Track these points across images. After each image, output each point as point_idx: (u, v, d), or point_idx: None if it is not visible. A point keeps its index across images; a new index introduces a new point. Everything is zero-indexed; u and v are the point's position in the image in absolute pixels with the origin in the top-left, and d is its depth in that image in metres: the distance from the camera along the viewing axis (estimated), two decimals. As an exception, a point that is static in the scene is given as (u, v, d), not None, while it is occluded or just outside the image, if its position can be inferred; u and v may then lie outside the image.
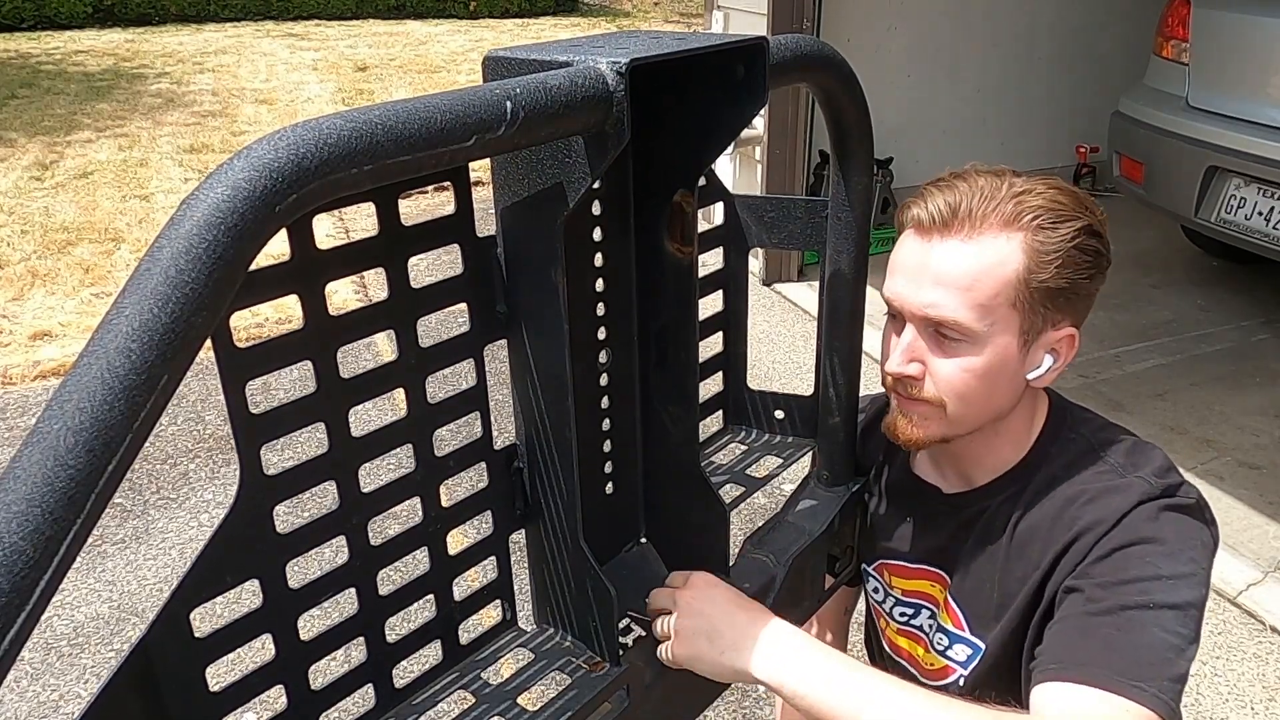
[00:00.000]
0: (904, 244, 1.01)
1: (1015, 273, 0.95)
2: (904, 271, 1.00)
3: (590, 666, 0.90)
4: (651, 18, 15.12)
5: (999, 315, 0.96)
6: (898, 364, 1.01)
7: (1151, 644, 0.89)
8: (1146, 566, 0.94)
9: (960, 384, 0.99)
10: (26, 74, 9.44)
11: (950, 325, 0.97)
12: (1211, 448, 3.26)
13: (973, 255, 0.95)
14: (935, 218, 0.97)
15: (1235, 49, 3.68)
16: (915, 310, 0.98)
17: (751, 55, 0.79)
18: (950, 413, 1.01)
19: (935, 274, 0.97)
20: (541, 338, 0.83)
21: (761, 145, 4.61)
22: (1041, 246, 0.95)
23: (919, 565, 1.16)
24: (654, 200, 0.88)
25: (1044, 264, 0.95)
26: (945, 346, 0.99)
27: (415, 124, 0.57)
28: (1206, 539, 0.98)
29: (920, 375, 1.01)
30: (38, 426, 0.46)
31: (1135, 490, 0.98)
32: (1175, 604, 0.91)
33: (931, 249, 0.97)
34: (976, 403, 1.01)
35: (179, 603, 0.67)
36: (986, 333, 0.96)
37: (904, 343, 1.01)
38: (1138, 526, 0.96)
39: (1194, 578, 0.94)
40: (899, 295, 1.00)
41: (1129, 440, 1.06)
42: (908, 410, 1.04)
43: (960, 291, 0.95)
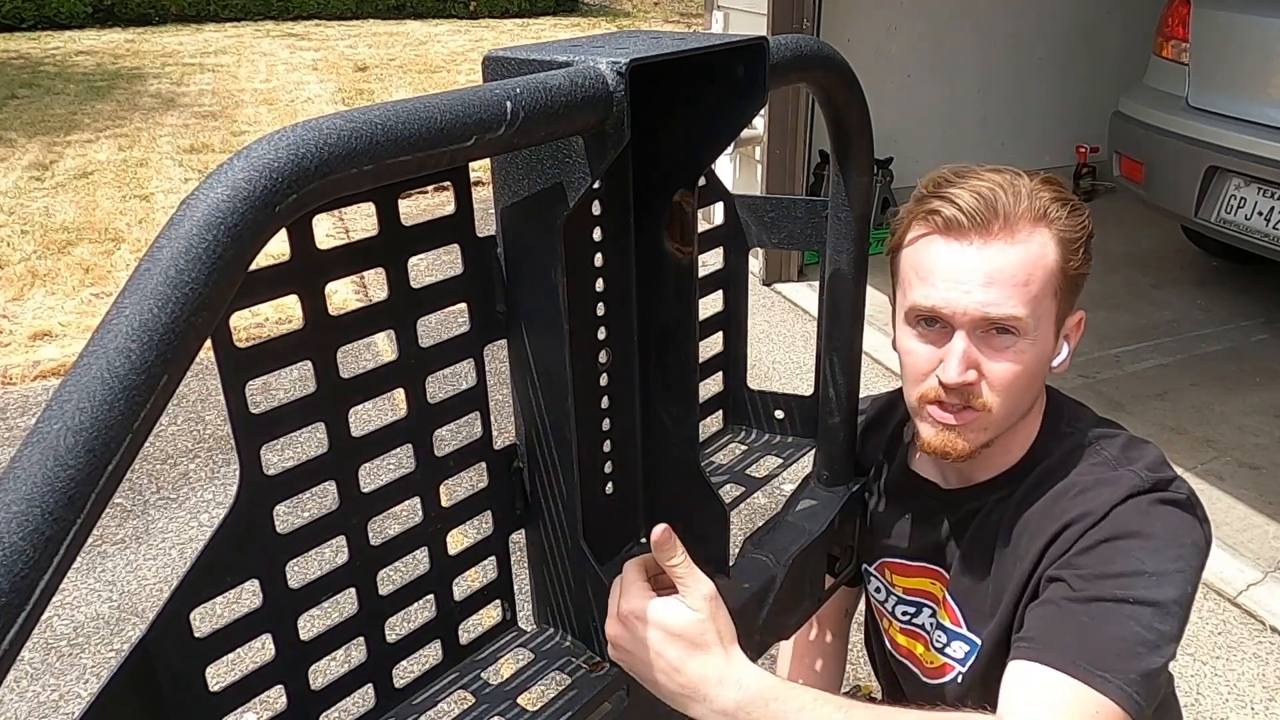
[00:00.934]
0: (932, 250, 0.98)
1: (1055, 263, 0.98)
2: (948, 276, 0.97)
3: (590, 666, 0.90)
4: (651, 18, 15.12)
5: (1044, 306, 0.98)
6: (958, 373, 0.97)
7: (1124, 637, 0.90)
8: (1130, 561, 0.94)
9: (1014, 382, 0.99)
10: (26, 74, 9.44)
11: (1009, 322, 0.96)
12: (1211, 448, 3.26)
13: (1020, 252, 0.96)
14: (973, 219, 0.96)
15: (1235, 49, 3.68)
16: (973, 311, 0.96)
17: (751, 55, 0.79)
18: (998, 415, 1.00)
19: (988, 274, 0.96)
20: (541, 338, 0.83)
21: (761, 145, 4.61)
22: (1069, 235, 0.99)
23: (918, 563, 1.16)
24: (654, 200, 0.88)
25: (1074, 252, 0.99)
26: (996, 346, 0.98)
27: (415, 124, 0.57)
28: (1197, 537, 0.98)
29: (976, 381, 0.99)
30: (38, 426, 0.46)
31: (1126, 483, 0.99)
32: (1155, 600, 0.92)
33: (976, 251, 0.96)
34: (1023, 400, 1.02)
35: (179, 603, 0.67)
36: (1036, 327, 0.98)
37: (959, 350, 0.97)
38: (1126, 520, 0.96)
39: (1178, 575, 0.94)
40: (949, 301, 0.97)
41: (1123, 436, 1.06)
42: (953, 423, 1.00)
43: (1017, 287, 0.96)
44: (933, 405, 1.02)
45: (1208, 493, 3.02)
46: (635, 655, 0.82)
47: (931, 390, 1.01)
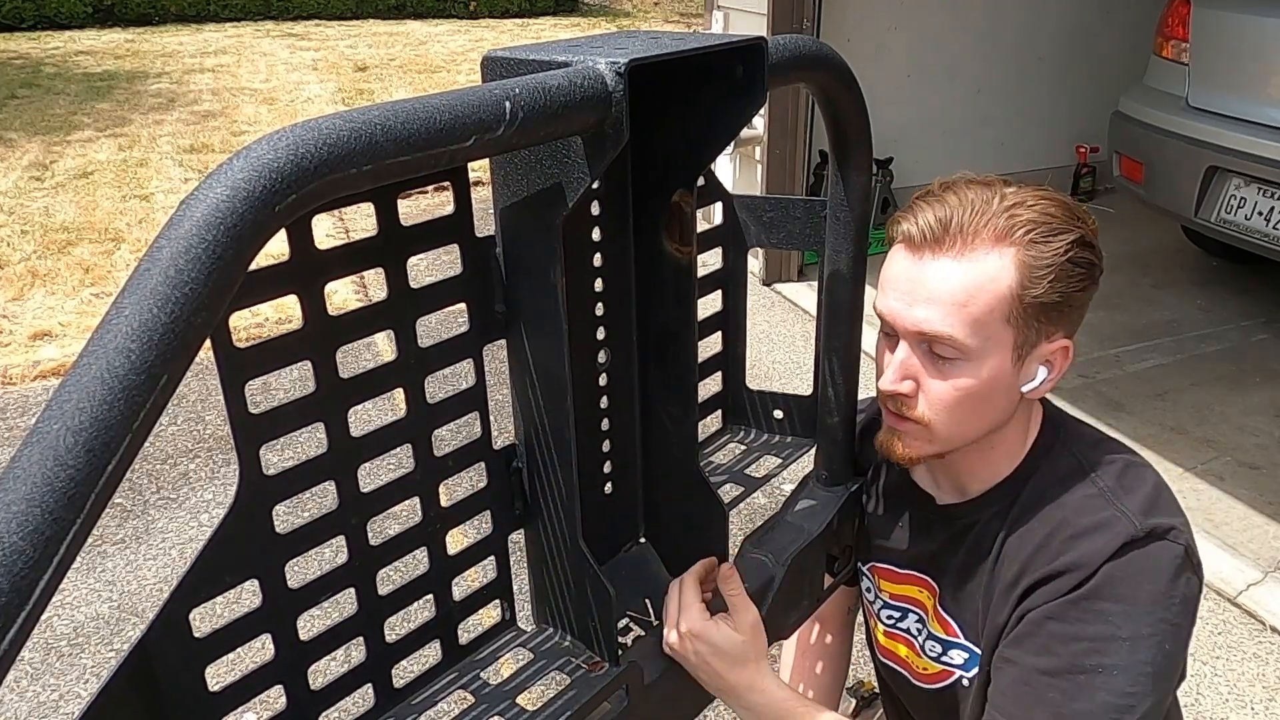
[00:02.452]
0: (894, 259, 1.00)
1: (1009, 288, 0.94)
2: (896, 288, 0.98)
3: (589, 666, 0.90)
4: (651, 18, 15.11)
5: (992, 331, 0.95)
6: (890, 382, 1.00)
7: (1093, 710, 0.92)
8: (1107, 627, 0.94)
9: (952, 402, 0.98)
10: (26, 74, 9.44)
11: (945, 341, 0.95)
12: (1211, 448, 3.26)
13: (966, 272, 0.94)
14: (926, 234, 0.95)
15: (1235, 49, 3.68)
16: (909, 327, 0.97)
17: (750, 55, 0.79)
18: (939, 431, 1.00)
19: (929, 291, 0.95)
20: (540, 337, 0.83)
21: (761, 145, 4.61)
22: (1034, 261, 0.94)
23: (908, 571, 1.16)
24: (653, 200, 0.88)
25: (1037, 279, 0.94)
26: (939, 364, 0.98)
27: (414, 124, 0.58)
28: (1188, 592, 0.96)
29: (913, 393, 0.99)
30: (37, 426, 0.46)
31: (1121, 531, 0.96)
32: (1127, 666, 0.92)
33: (924, 266, 0.96)
34: (967, 421, 1.00)
35: (178, 603, 0.67)
36: (980, 349, 0.96)
37: (897, 360, 0.99)
38: (1113, 577, 0.95)
39: (1154, 639, 0.93)
40: (891, 312, 0.99)
41: (1120, 460, 1.04)
42: (898, 428, 1.03)
43: (955, 308, 0.94)
44: (885, 407, 1.04)
45: (1208, 493, 3.02)
46: (689, 661, 0.99)
47: (881, 394, 1.04)
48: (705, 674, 0.99)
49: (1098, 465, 1.03)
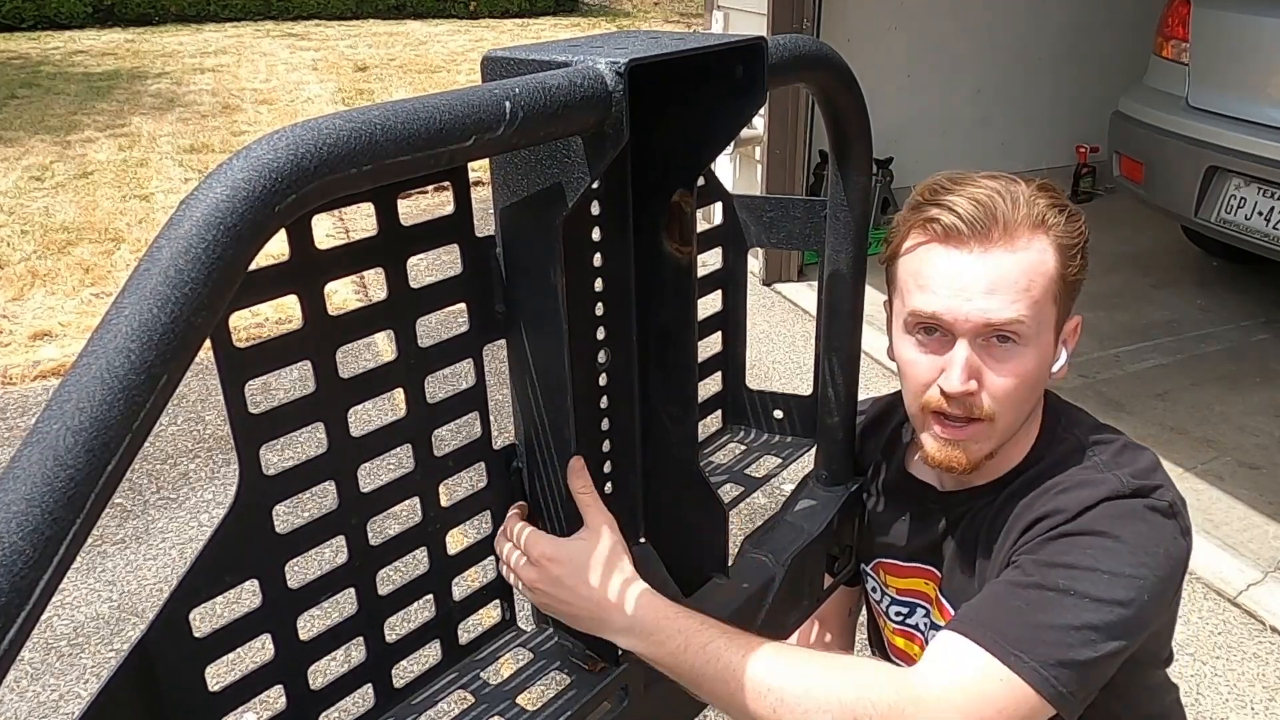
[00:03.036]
0: (932, 257, 0.98)
1: (1055, 269, 0.98)
2: (948, 284, 0.97)
3: (589, 666, 0.90)
4: (651, 18, 15.11)
5: (1045, 313, 0.99)
6: (961, 382, 0.96)
7: (1054, 625, 0.90)
8: (1085, 557, 0.93)
9: (1015, 390, 0.98)
10: (26, 74, 9.44)
11: (1012, 327, 0.96)
12: (1211, 448, 3.26)
13: (1021, 259, 0.97)
14: (972, 226, 0.96)
15: (1235, 49, 3.68)
16: (976, 318, 0.96)
17: (750, 55, 0.79)
18: (1001, 425, 1.00)
19: (990, 281, 0.95)
20: (540, 337, 0.83)
21: (761, 145, 4.61)
22: (1067, 241, 0.99)
23: (912, 563, 1.16)
24: (653, 200, 0.88)
25: (1071, 258, 1.00)
26: (997, 354, 0.98)
27: (414, 124, 0.58)
28: (1172, 549, 0.95)
29: (978, 391, 0.98)
30: (37, 426, 0.46)
31: (1106, 486, 0.98)
32: (1099, 598, 0.91)
33: (977, 259, 0.96)
34: (1024, 408, 1.02)
35: (178, 603, 0.67)
36: (1037, 332, 0.98)
37: (960, 359, 0.97)
38: (1095, 520, 0.96)
39: (1134, 580, 0.92)
40: (950, 309, 0.96)
41: (1119, 441, 1.05)
42: (959, 436, 1.00)
43: (1020, 293, 0.96)
44: (935, 418, 1.02)
45: (1208, 493, 3.02)
46: (553, 594, 0.88)
47: (934, 400, 1.00)
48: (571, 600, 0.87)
49: (1096, 445, 1.05)
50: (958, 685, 0.88)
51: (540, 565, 0.87)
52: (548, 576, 0.87)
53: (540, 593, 0.88)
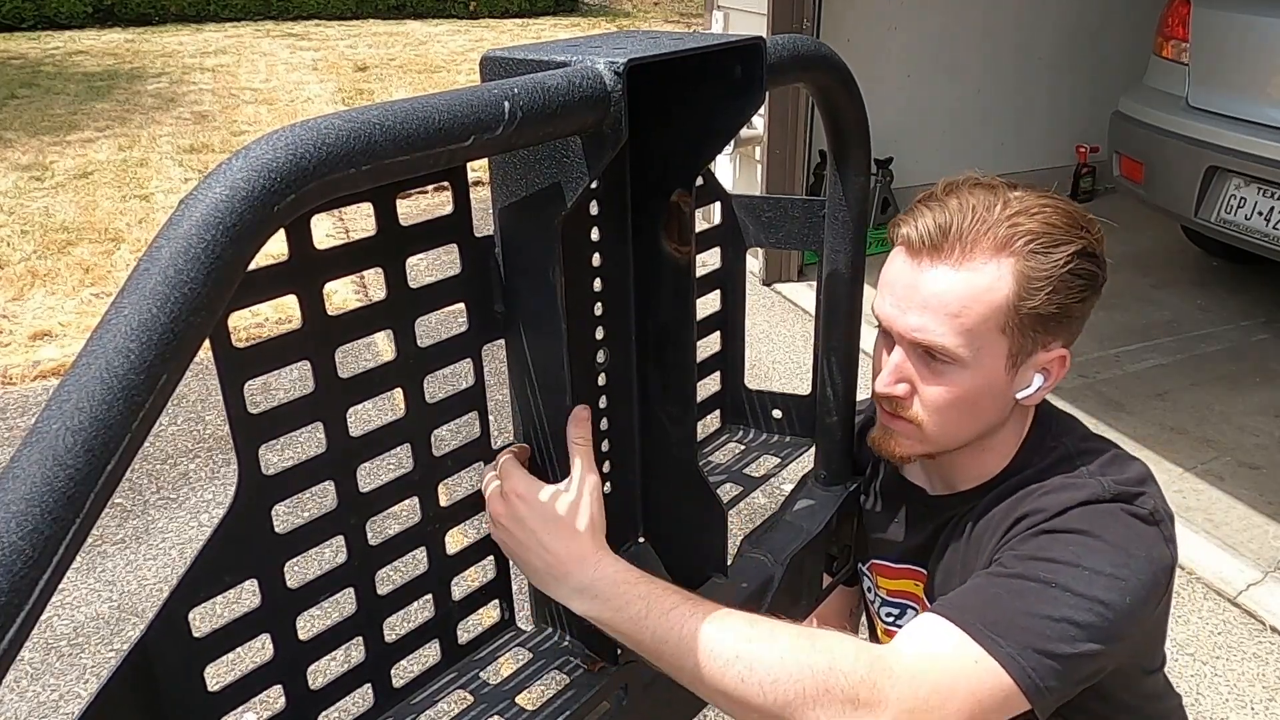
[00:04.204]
0: (894, 262, 1.01)
1: (1005, 299, 0.94)
2: (893, 292, 1.00)
3: (588, 666, 0.90)
4: (651, 18, 15.11)
5: (987, 340, 0.96)
6: (885, 384, 1.02)
7: (1032, 613, 0.89)
8: (1067, 553, 0.92)
9: (945, 406, 1.00)
10: (26, 74, 9.43)
11: (938, 350, 0.97)
12: (1211, 448, 3.26)
13: (962, 281, 0.95)
14: (925, 239, 0.96)
15: (1235, 49, 3.68)
16: (903, 333, 0.99)
17: (749, 55, 0.79)
18: (931, 432, 1.02)
19: (923, 298, 0.96)
20: (539, 337, 0.83)
21: (761, 145, 4.61)
22: (1033, 273, 0.94)
23: (902, 565, 1.17)
24: (652, 200, 0.88)
25: (1034, 290, 0.94)
26: (933, 369, 0.99)
27: (413, 124, 0.58)
28: (1155, 554, 0.94)
29: (907, 395, 1.01)
30: (37, 426, 0.46)
31: (1087, 490, 0.97)
32: (1080, 593, 0.89)
33: (921, 272, 0.97)
34: (959, 425, 1.02)
35: (177, 602, 0.67)
36: (973, 358, 0.96)
37: (892, 363, 1.01)
38: (1075, 519, 0.95)
39: (1116, 581, 0.90)
40: (887, 316, 1.00)
41: (1109, 452, 1.05)
42: (892, 427, 1.05)
43: (948, 318, 0.95)
44: (880, 406, 1.06)
45: (1207, 493, 3.02)
46: (512, 532, 0.85)
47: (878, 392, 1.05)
48: (530, 546, 0.83)
49: (1085, 454, 1.04)
50: (931, 662, 0.86)
51: (509, 500, 0.84)
52: (513, 513, 0.84)
53: (502, 529, 0.85)
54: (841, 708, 0.80)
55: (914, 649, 0.88)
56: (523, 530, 0.84)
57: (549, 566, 0.83)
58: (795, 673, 0.80)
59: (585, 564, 0.83)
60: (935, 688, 0.84)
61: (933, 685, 0.84)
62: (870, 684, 0.81)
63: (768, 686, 0.80)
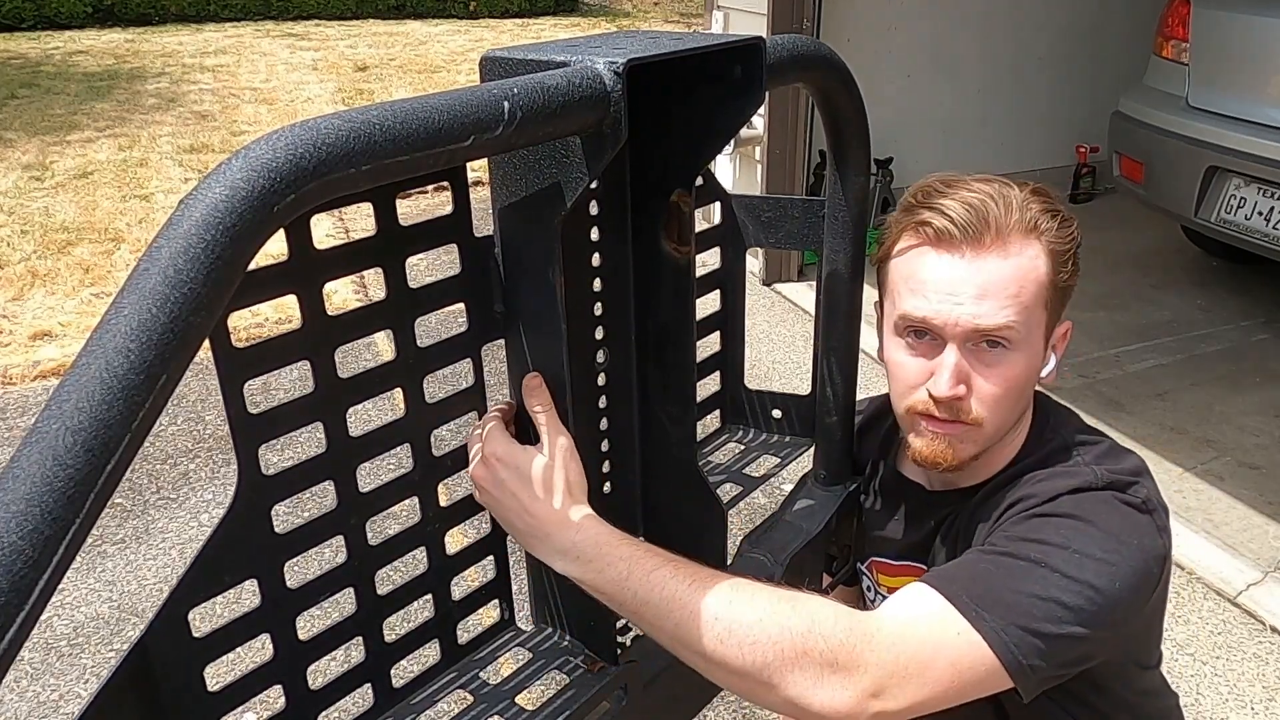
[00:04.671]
0: (924, 260, 0.98)
1: (1046, 274, 0.98)
2: (937, 289, 0.97)
3: (588, 666, 0.90)
4: (651, 18, 15.10)
5: (1035, 318, 0.99)
6: (949, 387, 0.97)
7: (1020, 591, 0.89)
8: (1056, 535, 0.93)
9: (1003, 395, 0.99)
10: (26, 74, 9.43)
11: (1002, 332, 0.96)
12: (1211, 448, 3.26)
13: (1013, 263, 0.97)
14: (965, 230, 0.96)
15: (1235, 49, 3.68)
16: (966, 323, 0.96)
17: (748, 55, 0.79)
18: (988, 429, 1.01)
19: (981, 286, 0.96)
20: (539, 337, 0.83)
21: (761, 145, 4.61)
22: (1059, 247, 0.99)
23: (902, 562, 1.17)
24: (651, 200, 0.88)
25: (1063, 263, 1.00)
26: (987, 360, 0.98)
27: (413, 124, 0.58)
28: (1147, 542, 0.95)
29: (966, 395, 0.99)
30: (36, 426, 0.46)
31: (1079, 478, 0.98)
32: (1070, 575, 0.89)
33: (969, 263, 0.96)
34: (1012, 412, 1.02)
35: (177, 602, 0.67)
36: (1027, 337, 0.98)
37: (950, 364, 0.97)
38: (1066, 504, 0.96)
39: (1106, 566, 0.91)
40: (939, 313, 0.97)
41: (1105, 444, 1.06)
42: (943, 433, 1.01)
43: (1009, 298, 0.96)
44: (923, 417, 1.02)
45: (1207, 493, 3.02)
46: (494, 496, 0.86)
47: (921, 403, 1.01)
48: (512, 510, 0.85)
49: (1081, 446, 1.05)
50: (912, 629, 0.86)
51: (489, 463, 0.85)
52: (493, 477, 0.85)
53: (485, 493, 0.86)
54: (819, 671, 0.80)
55: (896, 616, 0.88)
56: (504, 493, 0.84)
57: (531, 528, 0.84)
58: (774, 634, 0.80)
59: (566, 526, 0.84)
60: (915, 655, 0.84)
61: (912, 653, 0.84)
62: (849, 648, 0.81)
63: (746, 648, 0.79)
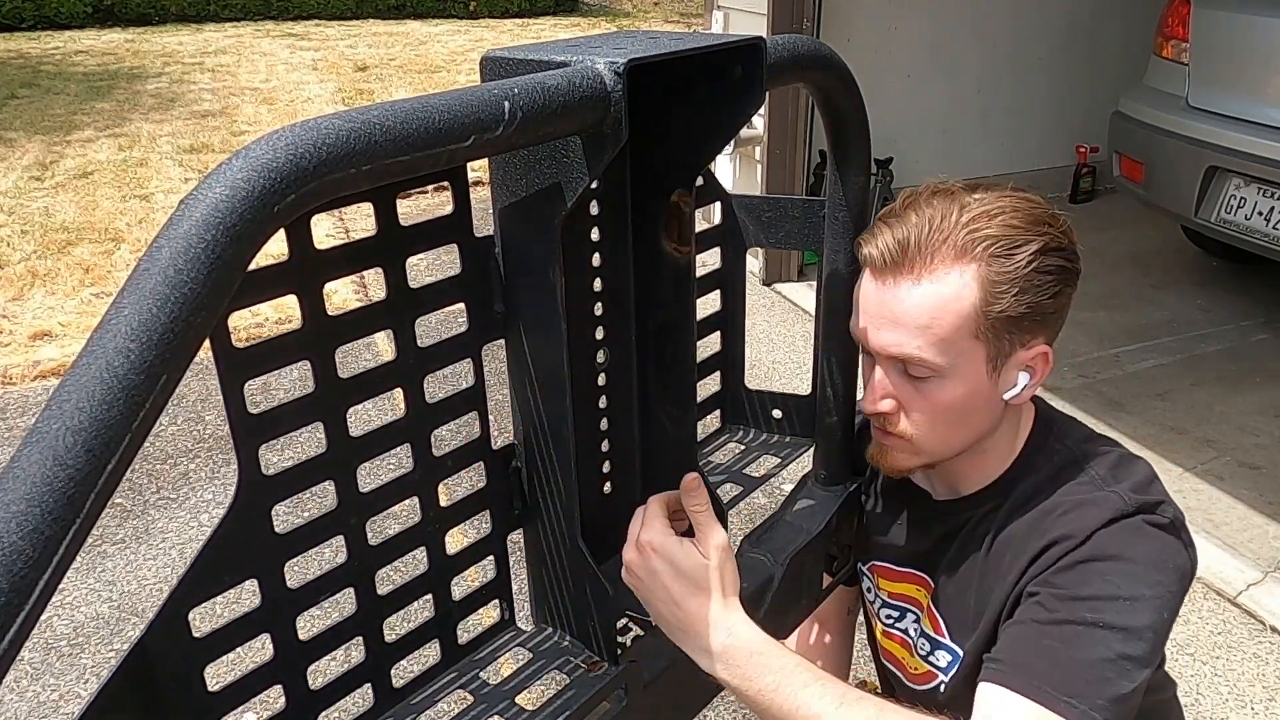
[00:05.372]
0: (863, 282, 1.01)
1: (972, 305, 0.94)
2: (864, 312, 1.00)
3: (589, 666, 0.90)
4: (651, 18, 15.11)
5: (962, 348, 0.96)
6: (871, 403, 1.02)
7: (1092, 662, 0.90)
8: (1105, 585, 0.94)
9: (933, 418, 1.00)
10: (26, 74, 9.43)
11: (915, 363, 0.97)
12: (1211, 448, 3.26)
13: (926, 294, 0.94)
14: (886, 257, 0.96)
15: (1235, 49, 3.68)
16: (879, 350, 0.99)
17: (749, 55, 0.79)
18: (924, 444, 1.02)
19: (892, 315, 0.97)
20: (539, 337, 0.83)
21: (761, 145, 4.61)
22: (996, 277, 0.93)
23: (905, 569, 1.17)
24: (652, 200, 0.88)
25: (1000, 294, 0.94)
26: (914, 383, 0.99)
27: (413, 124, 0.58)
28: (1180, 562, 0.97)
29: (894, 411, 1.01)
30: (37, 426, 0.46)
31: (1111, 505, 0.98)
32: (1126, 626, 0.91)
33: (886, 289, 0.97)
34: (951, 434, 1.02)
35: (177, 602, 0.67)
36: (951, 366, 0.96)
37: (875, 381, 1.02)
38: (1106, 544, 0.96)
39: (1154, 600, 0.93)
40: (862, 335, 1.01)
41: (1114, 452, 1.05)
42: (885, 442, 1.05)
43: (919, 330, 0.95)
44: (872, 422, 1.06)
45: (1207, 493, 3.02)
46: (644, 583, 0.89)
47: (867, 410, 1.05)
48: (662, 600, 0.88)
49: (1091, 458, 1.04)
50: None
51: (644, 551, 0.88)
52: (647, 565, 0.88)
53: (635, 578, 0.89)
54: None
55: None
56: (656, 583, 0.88)
57: (680, 622, 0.88)
58: None
59: (718, 628, 0.87)
60: None
61: None
62: None
63: None
